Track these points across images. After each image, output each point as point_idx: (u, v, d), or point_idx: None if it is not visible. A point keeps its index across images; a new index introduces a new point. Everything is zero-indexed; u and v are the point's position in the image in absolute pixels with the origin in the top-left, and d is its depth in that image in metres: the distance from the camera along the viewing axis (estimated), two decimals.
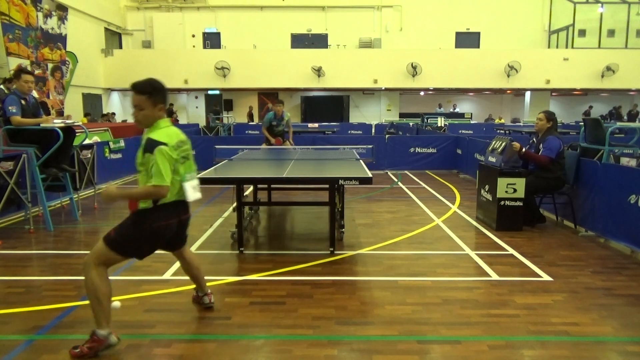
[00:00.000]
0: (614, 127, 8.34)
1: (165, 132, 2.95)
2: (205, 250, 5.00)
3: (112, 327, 2.93)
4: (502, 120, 22.26)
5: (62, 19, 15.99)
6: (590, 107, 24.20)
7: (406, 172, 10.89)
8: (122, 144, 9.94)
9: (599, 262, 4.65)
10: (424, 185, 9.23)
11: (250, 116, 23.07)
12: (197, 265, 3.48)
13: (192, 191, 3.09)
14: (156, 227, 2.96)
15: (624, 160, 7.31)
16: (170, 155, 2.89)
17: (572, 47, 22.43)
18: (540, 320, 3.37)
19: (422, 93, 25.12)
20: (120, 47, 22.74)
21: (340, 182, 4.66)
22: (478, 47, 21.68)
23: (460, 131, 15.47)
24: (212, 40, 21.76)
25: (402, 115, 23.55)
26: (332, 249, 4.87)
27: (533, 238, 5.49)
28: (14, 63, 13.09)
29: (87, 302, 2.86)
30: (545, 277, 4.21)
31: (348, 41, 22.57)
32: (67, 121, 6.66)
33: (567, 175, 5.86)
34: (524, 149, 5.88)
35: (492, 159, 6.06)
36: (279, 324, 3.31)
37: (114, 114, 19.97)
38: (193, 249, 5.00)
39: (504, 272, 4.32)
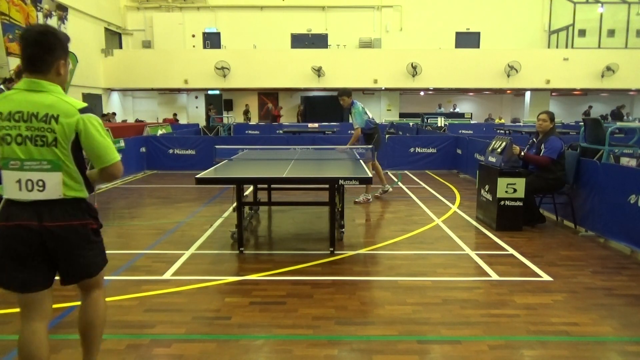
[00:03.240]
0: (614, 127, 8.35)
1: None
2: (205, 250, 5.00)
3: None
4: (502, 120, 22.26)
5: (62, 19, 16.01)
6: (590, 107, 24.20)
7: (406, 172, 10.89)
8: (122, 144, 9.92)
9: (599, 262, 4.65)
10: (424, 185, 9.23)
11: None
12: (88, 321, 2.46)
13: (16, 187, 2.11)
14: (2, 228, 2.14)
15: (624, 160, 7.32)
16: None
17: (572, 47, 22.43)
18: (540, 320, 3.37)
19: (422, 93, 25.11)
20: (120, 47, 22.74)
21: (340, 182, 4.66)
22: (478, 47, 21.67)
23: (460, 131, 15.47)
24: (212, 40, 21.75)
25: (402, 115, 23.54)
26: (332, 249, 4.86)
27: (533, 238, 5.49)
28: (14, 63, 13.09)
29: None
30: (545, 277, 4.21)
31: (348, 41, 22.56)
32: None
33: (567, 175, 5.86)
34: (522, 152, 5.89)
35: (492, 159, 6.06)
36: (279, 324, 3.31)
37: (114, 114, 19.98)
38: (193, 249, 5.00)
39: (504, 272, 4.32)
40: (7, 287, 2.20)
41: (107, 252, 2.48)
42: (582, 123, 8.77)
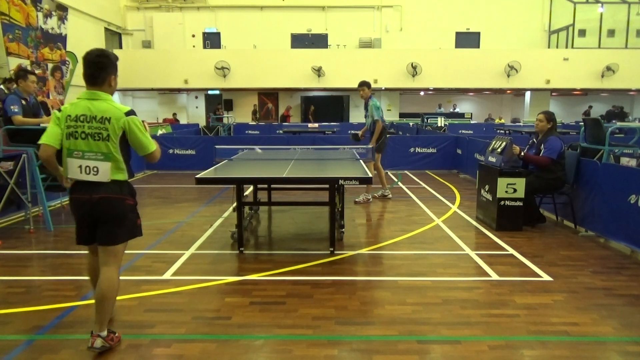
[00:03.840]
0: (614, 127, 8.34)
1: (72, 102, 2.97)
2: (205, 250, 5.00)
3: (112, 326, 3.04)
4: (502, 120, 22.25)
5: (62, 19, 15.99)
6: (590, 107, 24.20)
7: (406, 172, 10.89)
8: None
9: (599, 262, 4.65)
10: (424, 185, 9.23)
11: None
12: (101, 292, 2.90)
13: (77, 171, 2.87)
14: (69, 200, 3.10)
15: (624, 160, 7.31)
16: (55, 122, 2.90)
17: (572, 47, 22.41)
18: (540, 320, 3.37)
19: (422, 93, 25.10)
20: (120, 47, 22.73)
21: (340, 182, 4.66)
22: (478, 47, 21.65)
23: (460, 131, 15.47)
24: (212, 40, 21.74)
25: (402, 115, 23.54)
26: (332, 249, 4.87)
27: (533, 238, 5.49)
28: (14, 63, 13.08)
29: (86, 302, 2.86)
30: (545, 277, 4.21)
31: (348, 41, 22.55)
32: None
33: (567, 175, 5.86)
34: (522, 152, 5.89)
35: (492, 159, 6.06)
36: (279, 324, 3.31)
37: None
38: (193, 249, 5.00)
39: (504, 272, 4.32)
40: (77, 241, 3.07)
41: None
42: (582, 123, 8.77)
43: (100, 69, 2.88)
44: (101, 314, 2.90)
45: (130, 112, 2.89)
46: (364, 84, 7.46)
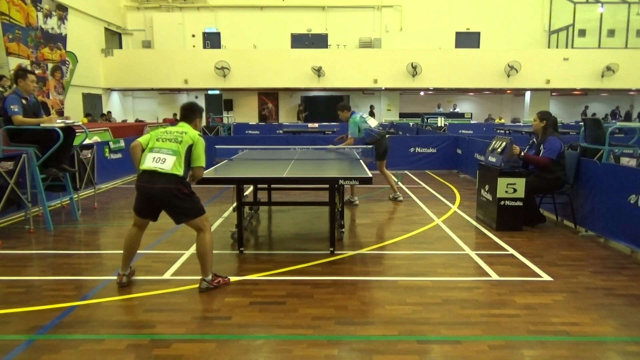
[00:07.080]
0: (614, 127, 8.34)
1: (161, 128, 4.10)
2: None
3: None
4: (502, 120, 22.26)
5: (62, 19, 15.99)
6: (586, 107, 24.23)
7: (406, 172, 10.88)
8: (122, 144, 9.94)
9: (599, 262, 4.65)
10: (424, 185, 9.23)
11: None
12: (198, 250, 3.97)
13: (151, 160, 3.82)
14: (135, 186, 3.94)
15: (624, 160, 7.31)
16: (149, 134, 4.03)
17: (572, 47, 22.43)
18: (540, 320, 3.37)
19: (422, 93, 25.11)
20: (120, 47, 22.74)
21: (340, 182, 4.66)
22: (478, 47, 21.67)
23: (460, 131, 15.46)
24: (212, 40, 21.75)
25: (402, 115, 23.55)
26: (332, 249, 4.86)
27: (533, 238, 5.49)
28: (14, 63, 13.09)
29: (86, 302, 2.85)
30: (545, 277, 4.21)
31: (348, 41, 22.57)
32: (68, 121, 6.65)
33: (567, 175, 5.85)
34: (522, 153, 5.88)
35: (492, 159, 6.06)
36: (279, 324, 3.31)
37: (109, 112, 19.94)
38: (193, 249, 4.99)
39: (504, 272, 4.32)
40: (136, 213, 3.94)
41: (106, 252, 2.47)
42: (582, 123, 8.76)
43: (191, 112, 4.11)
44: (202, 265, 3.91)
45: (201, 136, 4.02)
46: (340, 108, 7.66)
